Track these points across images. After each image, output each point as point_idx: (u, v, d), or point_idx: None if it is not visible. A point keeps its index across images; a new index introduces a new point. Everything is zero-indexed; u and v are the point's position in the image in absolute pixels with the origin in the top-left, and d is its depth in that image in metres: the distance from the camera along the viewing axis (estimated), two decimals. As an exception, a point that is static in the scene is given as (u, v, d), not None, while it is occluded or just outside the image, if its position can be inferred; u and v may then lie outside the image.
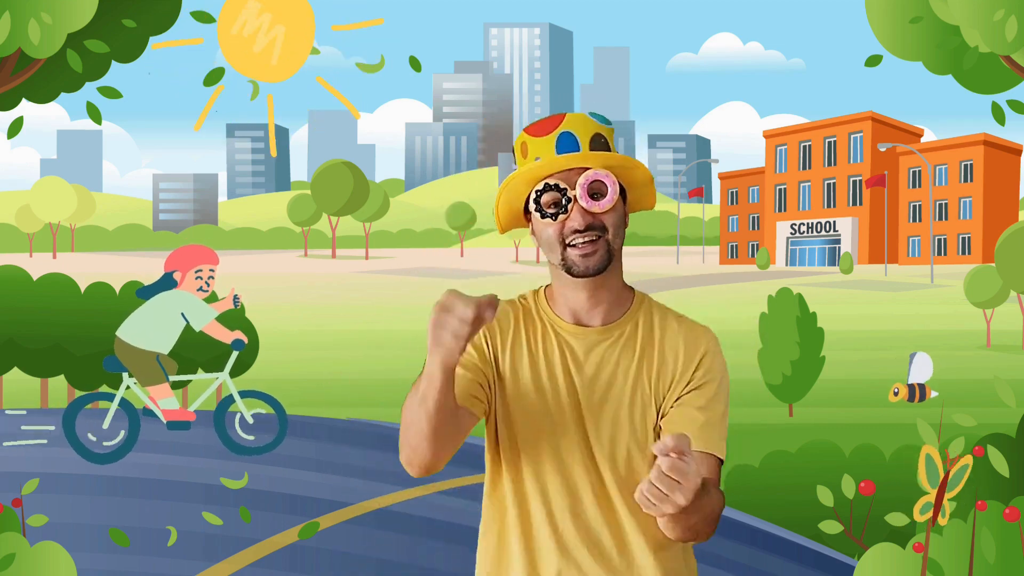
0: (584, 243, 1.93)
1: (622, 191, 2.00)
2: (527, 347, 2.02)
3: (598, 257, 1.94)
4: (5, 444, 7.95)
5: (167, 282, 6.14)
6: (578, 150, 1.92)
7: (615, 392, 1.99)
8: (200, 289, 6.17)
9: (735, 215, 72.18)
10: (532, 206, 1.96)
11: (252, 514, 5.76)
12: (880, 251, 61.77)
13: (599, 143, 1.95)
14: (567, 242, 1.94)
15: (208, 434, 6.40)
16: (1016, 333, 24.32)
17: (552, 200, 1.93)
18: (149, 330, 6.15)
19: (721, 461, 1.96)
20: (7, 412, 9.67)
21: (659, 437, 1.99)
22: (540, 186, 1.94)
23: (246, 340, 6.35)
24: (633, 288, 2.08)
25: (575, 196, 1.92)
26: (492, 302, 1.72)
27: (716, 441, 1.97)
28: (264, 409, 6.58)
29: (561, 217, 1.93)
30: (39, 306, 11.63)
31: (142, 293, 6.18)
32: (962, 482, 4.56)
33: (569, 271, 1.96)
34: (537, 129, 1.95)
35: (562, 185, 1.92)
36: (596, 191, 1.93)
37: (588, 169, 1.93)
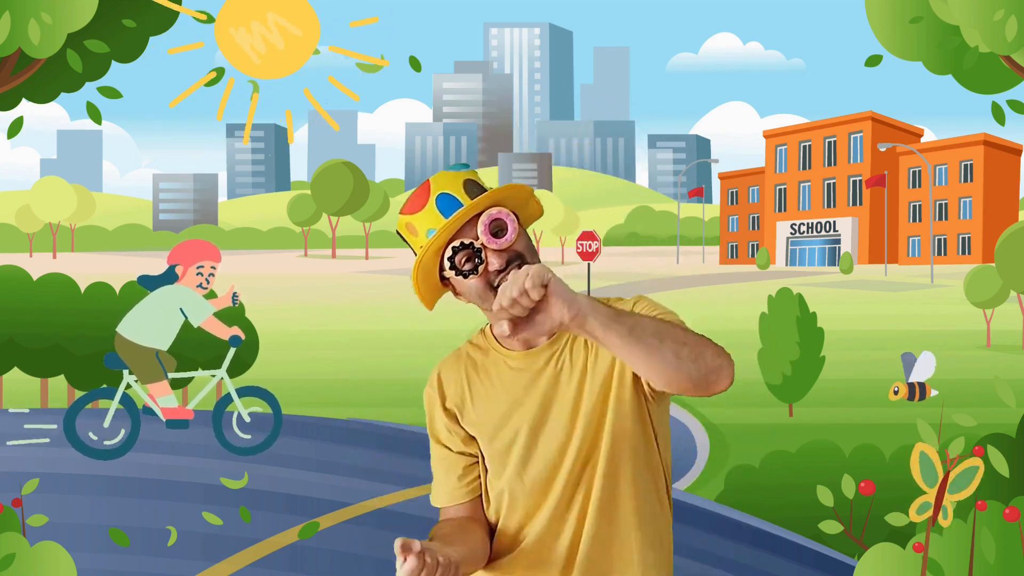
0: None
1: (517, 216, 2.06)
2: (490, 396, 2.09)
3: None
4: (7, 444, 7.95)
5: (169, 275, 6.16)
6: (460, 205, 1.98)
7: (587, 387, 2.04)
8: (200, 286, 6.18)
9: (735, 215, 72.20)
10: (450, 273, 2.01)
11: (252, 514, 5.76)
12: (880, 251, 61.78)
13: (474, 188, 2.02)
14: (495, 284, 1.99)
15: (208, 434, 6.40)
16: (1016, 333, 24.32)
17: (466, 257, 1.99)
18: (148, 326, 6.16)
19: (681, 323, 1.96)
20: (10, 411, 9.67)
21: (649, 395, 2.03)
22: (448, 252, 1.99)
23: (243, 336, 6.35)
24: None
25: (483, 243, 1.98)
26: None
27: (667, 314, 2.00)
28: (261, 408, 6.58)
29: (480, 268, 1.98)
30: (39, 306, 11.63)
31: (144, 282, 6.19)
32: (972, 485, 4.54)
33: None
34: (413, 206, 2.01)
35: (467, 240, 1.98)
36: (497, 228, 1.99)
37: (480, 214, 1.98)
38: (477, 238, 1.98)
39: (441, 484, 2.14)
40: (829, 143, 66.01)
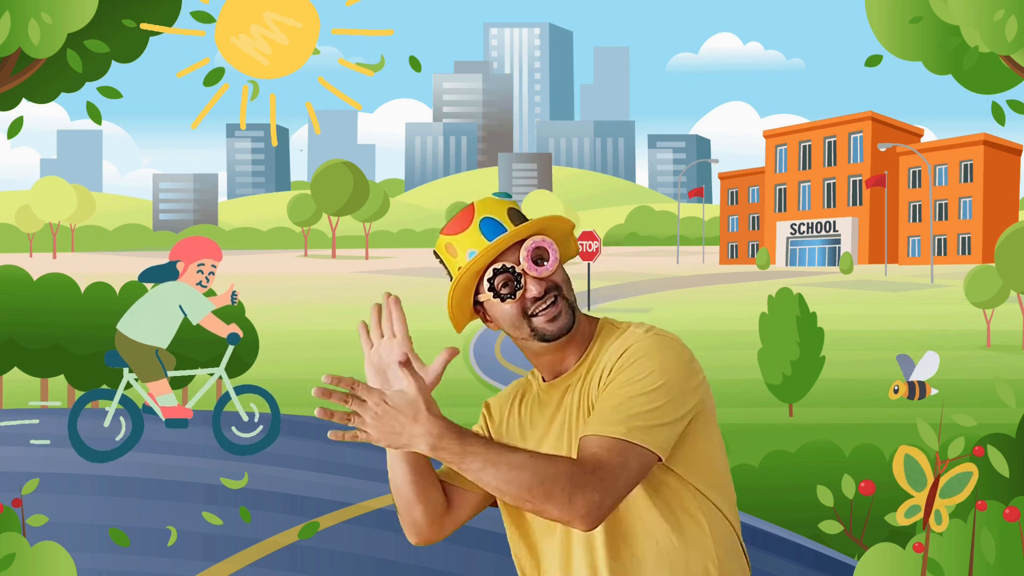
0: (546, 308, 2.00)
1: None
2: (518, 422, 2.12)
3: (564, 317, 2.01)
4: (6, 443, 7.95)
5: (170, 270, 6.16)
6: (504, 229, 1.99)
7: (566, 429, 2.04)
8: (199, 283, 6.19)
9: (735, 215, 72.19)
10: (487, 295, 2.01)
11: (252, 514, 5.76)
12: (880, 251, 61.77)
13: (517, 216, 2.03)
14: (529, 313, 2.00)
15: (208, 434, 6.41)
16: (1016, 333, 24.30)
17: (504, 281, 2.00)
18: (148, 324, 6.16)
19: (625, 442, 1.85)
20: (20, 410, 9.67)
21: None
22: (489, 273, 2.00)
23: (241, 334, 6.35)
24: (597, 319, 2.12)
25: (524, 269, 1.99)
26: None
27: (613, 423, 1.88)
28: (259, 407, 6.58)
29: (519, 293, 1.99)
30: (39, 306, 11.63)
31: (145, 275, 6.20)
32: (966, 490, 4.54)
33: (543, 339, 2.02)
34: (455, 227, 2.02)
35: (508, 264, 1.99)
36: (539, 256, 2.00)
37: (525, 240, 1.99)
38: (518, 263, 1.99)
39: None
40: (829, 143, 66.01)
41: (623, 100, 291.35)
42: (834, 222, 65.32)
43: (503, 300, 2.00)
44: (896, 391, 6.19)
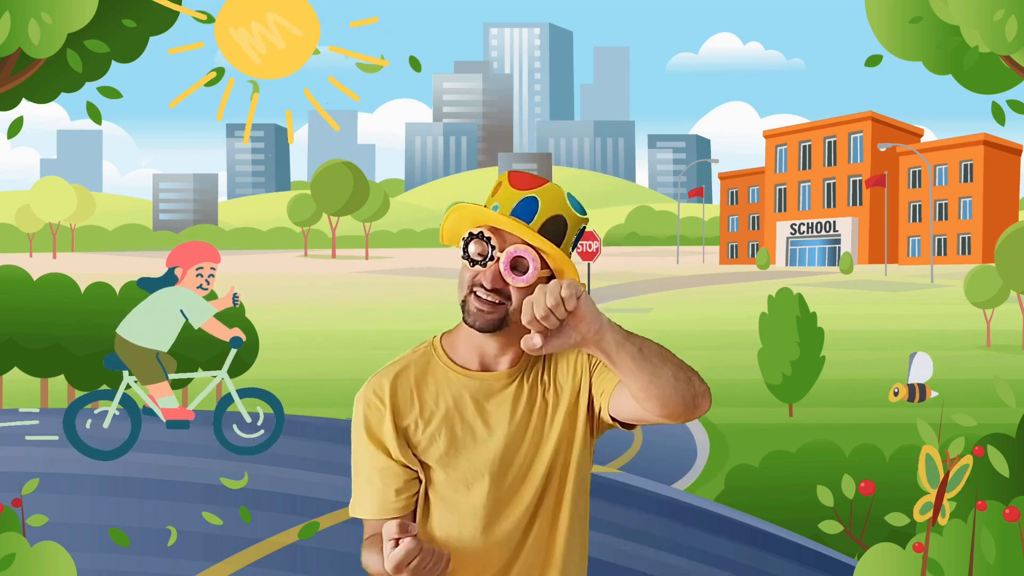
0: (485, 300, 1.98)
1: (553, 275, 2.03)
2: (437, 412, 2.07)
3: (491, 319, 1.98)
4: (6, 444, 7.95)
5: (169, 278, 6.16)
6: (530, 221, 1.94)
7: (527, 436, 2.07)
8: (200, 287, 6.19)
9: (735, 215, 72.19)
10: (461, 244, 2.00)
11: (252, 514, 5.76)
12: (880, 251, 61.78)
13: (555, 224, 1.96)
14: (473, 290, 1.99)
15: (208, 434, 6.41)
16: (1016, 333, 24.31)
17: (479, 250, 1.97)
18: (149, 327, 6.16)
19: None
20: (20, 411, 9.67)
21: (595, 429, 2.12)
22: (476, 231, 1.97)
23: (244, 338, 6.35)
24: None
25: (499, 257, 1.96)
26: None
27: None
28: (262, 408, 6.59)
29: (478, 267, 1.97)
30: (39, 306, 11.63)
31: (144, 284, 6.19)
32: (962, 482, 4.57)
33: (463, 314, 2.02)
34: (518, 179, 1.98)
35: (493, 241, 1.96)
36: (517, 265, 1.96)
37: (523, 243, 1.95)
38: (502, 249, 1.96)
39: (375, 494, 2.06)
40: (829, 143, 66.01)
41: (623, 100, 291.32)
42: (834, 222, 65.33)
43: (465, 258, 1.98)
44: (896, 394, 6.19)
